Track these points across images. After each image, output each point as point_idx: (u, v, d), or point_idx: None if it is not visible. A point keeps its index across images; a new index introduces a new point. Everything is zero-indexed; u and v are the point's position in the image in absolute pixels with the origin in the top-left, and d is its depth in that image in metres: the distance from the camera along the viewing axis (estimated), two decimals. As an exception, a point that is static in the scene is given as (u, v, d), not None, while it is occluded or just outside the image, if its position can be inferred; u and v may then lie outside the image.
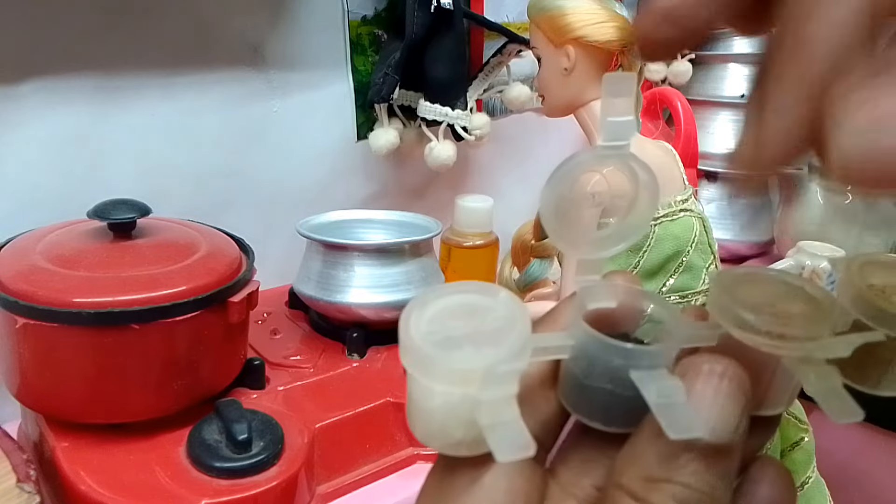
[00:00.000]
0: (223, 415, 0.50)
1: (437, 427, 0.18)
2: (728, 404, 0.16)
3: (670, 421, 0.16)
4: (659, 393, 0.17)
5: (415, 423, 0.19)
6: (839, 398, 0.17)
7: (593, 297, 0.20)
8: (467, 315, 0.19)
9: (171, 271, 0.50)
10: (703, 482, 0.16)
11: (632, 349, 0.18)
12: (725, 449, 0.16)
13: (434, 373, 0.17)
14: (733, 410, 0.16)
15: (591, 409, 0.19)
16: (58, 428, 0.51)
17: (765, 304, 0.18)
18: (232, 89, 0.73)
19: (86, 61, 0.63)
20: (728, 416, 0.16)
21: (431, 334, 0.18)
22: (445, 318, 0.19)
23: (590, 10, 0.63)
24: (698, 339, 0.19)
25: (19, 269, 0.49)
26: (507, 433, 0.17)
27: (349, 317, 0.65)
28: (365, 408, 0.56)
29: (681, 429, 0.16)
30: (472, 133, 0.81)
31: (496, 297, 0.19)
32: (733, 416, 0.16)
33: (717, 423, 0.16)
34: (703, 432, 0.16)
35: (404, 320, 0.18)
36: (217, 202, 0.74)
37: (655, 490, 0.16)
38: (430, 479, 0.20)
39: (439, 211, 0.82)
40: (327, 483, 0.53)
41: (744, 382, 0.17)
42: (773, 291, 0.19)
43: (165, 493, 0.45)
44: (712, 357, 0.17)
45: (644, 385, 0.17)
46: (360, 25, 0.80)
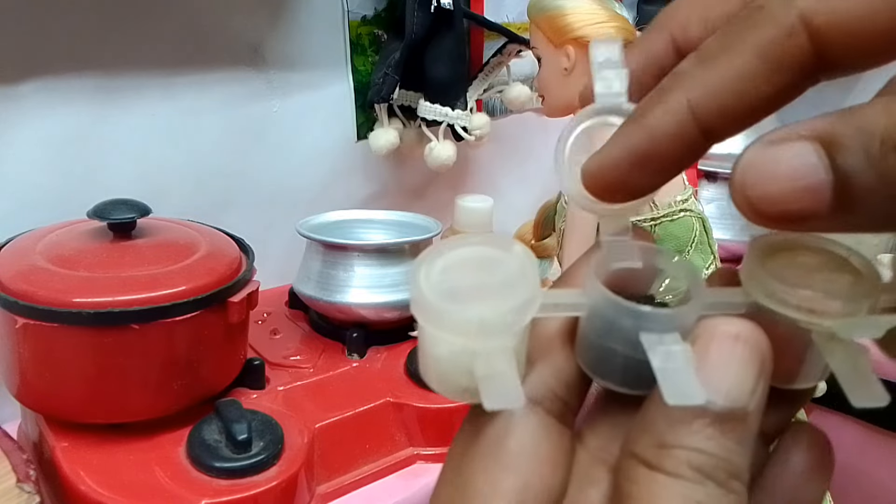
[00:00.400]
0: (223, 415, 0.50)
1: (443, 374, 0.18)
2: (743, 368, 0.16)
3: (670, 387, 0.16)
4: (664, 357, 0.16)
5: (424, 370, 0.19)
6: (863, 380, 0.17)
7: (618, 255, 0.19)
8: (478, 268, 0.19)
9: (171, 271, 0.50)
10: (719, 447, 0.15)
11: (643, 311, 0.17)
12: (741, 414, 0.16)
13: (438, 322, 0.17)
14: (749, 374, 0.16)
15: (608, 371, 0.18)
16: (58, 428, 0.51)
17: (801, 274, 0.18)
18: (232, 89, 0.73)
19: (86, 61, 0.63)
20: (743, 380, 0.16)
21: (441, 284, 0.18)
22: (456, 269, 0.19)
23: (590, 11, 0.63)
24: (723, 306, 0.18)
25: (19, 269, 0.49)
26: (498, 384, 0.17)
27: (349, 317, 0.65)
28: (365, 408, 0.56)
29: (680, 395, 0.15)
30: (472, 133, 0.81)
31: (510, 251, 0.19)
32: (749, 379, 0.16)
33: (731, 386, 0.16)
34: (714, 396, 0.16)
35: (415, 269, 0.18)
36: (217, 202, 0.74)
37: (668, 457, 0.16)
38: (455, 444, 0.19)
39: (439, 211, 0.82)
40: (327, 483, 0.53)
41: (760, 345, 0.16)
42: (813, 261, 0.18)
43: (165, 493, 0.45)
44: (728, 319, 0.17)
45: (651, 348, 0.17)
46: (360, 25, 0.80)
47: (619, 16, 0.64)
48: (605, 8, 0.63)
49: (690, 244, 0.64)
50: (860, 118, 0.14)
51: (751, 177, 0.15)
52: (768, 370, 0.16)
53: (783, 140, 0.15)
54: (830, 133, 0.14)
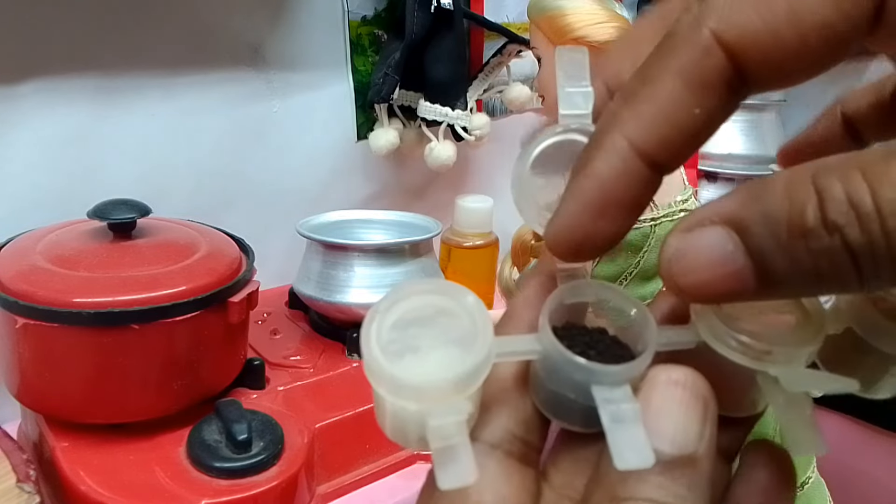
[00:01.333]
0: (223, 415, 0.50)
1: (397, 430, 0.18)
2: (686, 414, 0.16)
3: (620, 449, 0.16)
4: (612, 416, 0.16)
5: (381, 422, 0.19)
6: (804, 430, 0.17)
7: (572, 294, 0.19)
8: (430, 322, 0.18)
9: (172, 271, 0.50)
10: (670, 494, 0.16)
11: (593, 368, 0.17)
12: (690, 459, 0.16)
13: (389, 388, 0.17)
14: (693, 419, 0.16)
15: (564, 413, 0.18)
16: (58, 428, 0.51)
17: (749, 313, 0.18)
18: (232, 90, 0.73)
19: (86, 62, 0.63)
20: (688, 426, 0.16)
21: (392, 343, 0.18)
22: (408, 324, 0.18)
23: (590, 11, 0.63)
24: (675, 345, 0.18)
25: (19, 269, 0.49)
26: (451, 459, 0.16)
27: (349, 317, 0.65)
28: (365, 408, 0.56)
29: (629, 459, 0.16)
30: (472, 133, 0.81)
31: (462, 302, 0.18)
32: (693, 425, 0.16)
33: (676, 433, 0.16)
34: (660, 444, 0.16)
35: (365, 327, 0.18)
36: (217, 202, 0.74)
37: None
38: (424, 489, 0.19)
39: (439, 211, 0.82)
40: (327, 483, 0.53)
41: (702, 390, 0.17)
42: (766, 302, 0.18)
43: (165, 493, 0.45)
44: (668, 367, 0.17)
45: (601, 405, 0.17)
46: (360, 26, 0.80)
47: (619, 16, 0.64)
48: (606, 8, 0.63)
49: (690, 244, 0.64)
50: (764, 203, 0.15)
51: (677, 268, 0.16)
52: (713, 414, 0.17)
53: (698, 227, 0.16)
54: (739, 218, 0.15)
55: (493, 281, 0.87)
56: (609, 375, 0.17)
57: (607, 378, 0.17)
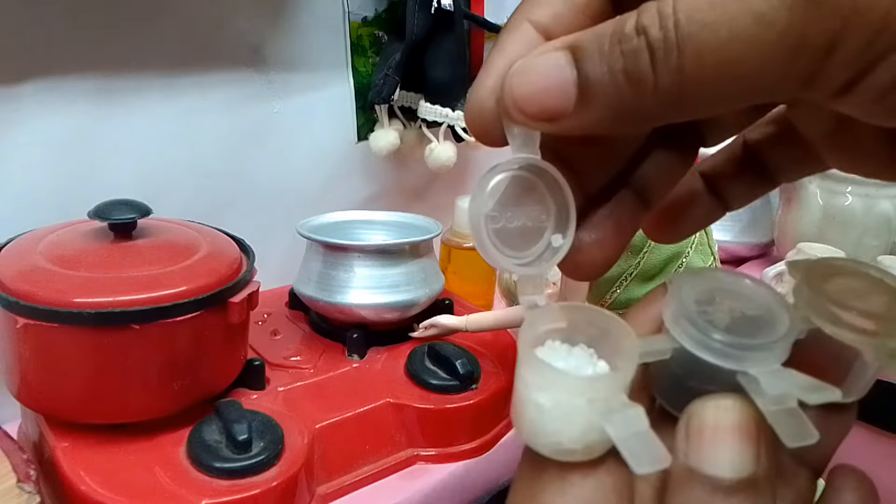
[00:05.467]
0: (223, 415, 0.50)
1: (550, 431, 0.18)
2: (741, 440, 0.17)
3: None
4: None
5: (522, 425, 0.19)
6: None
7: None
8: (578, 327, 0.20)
9: (172, 272, 0.50)
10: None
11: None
12: (751, 481, 0.17)
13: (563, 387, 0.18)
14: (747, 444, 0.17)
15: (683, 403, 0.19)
16: (58, 428, 0.51)
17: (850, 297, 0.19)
18: (233, 90, 0.73)
19: (87, 62, 0.63)
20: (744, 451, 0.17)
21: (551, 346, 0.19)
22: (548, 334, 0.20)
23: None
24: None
25: (20, 269, 0.49)
26: (642, 445, 0.17)
27: (349, 317, 0.65)
28: (365, 408, 0.56)
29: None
30: (473, 134, 0.81)
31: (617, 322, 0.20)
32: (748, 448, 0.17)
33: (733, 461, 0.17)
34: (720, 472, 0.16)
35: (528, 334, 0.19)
36: (217, 203, 0.74)
37: None
38: (519, 477, 0.20)
39: (439, 212, 0.82)
40: (327, 483, 0.53)
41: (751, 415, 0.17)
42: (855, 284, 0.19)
43: (165, 494, 0.45)
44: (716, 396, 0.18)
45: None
46: (360, 27, 0.81)
47: (619, 17, 0.64)
48: (606, 9, 0.63)
49: (690, 246, 0.64)
50: (599, 28, 0.18)
51: (515, 81, 0.18)
52: (766, 436, 0.17)
53: (541, 52, 0.18)
54: (576, 40, 0.18)
55: (492, 282, 0.87)
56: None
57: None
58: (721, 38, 0.15)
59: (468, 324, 0.65)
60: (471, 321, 0.65)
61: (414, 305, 0.66)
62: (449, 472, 0.57)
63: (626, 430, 0.17)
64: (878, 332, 0.18)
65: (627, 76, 0.17)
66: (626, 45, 0.16)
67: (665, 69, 0.16)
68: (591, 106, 0.17)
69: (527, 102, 0.18)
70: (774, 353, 0.18)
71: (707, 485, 0.17)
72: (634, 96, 0.17)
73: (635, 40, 0.16)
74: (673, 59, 0.16)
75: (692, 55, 0.16)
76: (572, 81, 0.17)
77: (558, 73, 0.17)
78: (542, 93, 0.18)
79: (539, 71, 0.18)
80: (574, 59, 0.17)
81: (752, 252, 1.10)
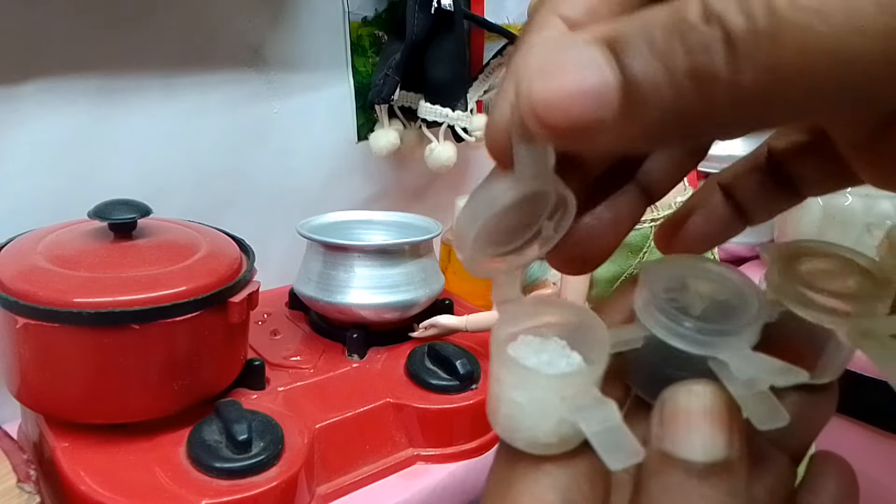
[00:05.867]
0: (223, 415, 0.50)
1: (526, 427, 0.18)
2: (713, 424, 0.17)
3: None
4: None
5: (498, 421, 0.19)
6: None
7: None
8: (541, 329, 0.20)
9: (172, 271, 0.50)
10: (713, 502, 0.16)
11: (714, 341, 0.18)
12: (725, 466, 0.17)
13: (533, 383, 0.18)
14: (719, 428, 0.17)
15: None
16: (58, 428, 0.51)
17: (821, 278, 0.19)
18: (233, 90, 0.73)
19: (87, 63, 0.63)
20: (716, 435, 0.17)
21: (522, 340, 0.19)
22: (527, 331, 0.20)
23: (590, 12, 0.63)
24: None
25: (20, 269, 0.49)
26: (615, 440, 0.17)
27: (349, 317, 0.65)
28: (365, 408, 0.56)
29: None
30: (473, 134, 0.81)
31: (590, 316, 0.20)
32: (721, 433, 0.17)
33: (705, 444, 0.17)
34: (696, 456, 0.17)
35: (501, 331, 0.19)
36: (218, 203, 0.74)
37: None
38: (495, 469, 0.20)
39: (439, 212, 0.82)
40: (327, 483, 0.53)
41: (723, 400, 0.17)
42: (826, 265, 0.19)
43: (165, 494, 0.45)
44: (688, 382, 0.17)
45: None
46: (360, 27, 0.80)
47: (619, 17, 0.64)
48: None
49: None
50: (645, 14, 0.14)
51: (536, 83, 0.14)
52: (739, 422, 0.17)
53: (568, 46, 0.14)
54: (615, 31, 0.14)
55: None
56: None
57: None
58: (836, 28, 0.12)
59: (468, 324, 0.65)
60: (471, 321, 0.65)
61: (414, 305, 0.66)
62: (449, 472, 0.57)
63: (599, 425, 0.17)
64: (851, 311, 0.18)
65: (693, 76, 0.13)
66: (691, 37, 0.13)
67: (750, 66, 0.12)
68: (639, 115, 0.14)
69: (550, 111, 0.14)
70: (743, 337, 0.18)
71: (681, 469, 0.16)
72: (700, 102, 0.13)
73: (704, 29, 0.13)
74: (764, 54, 0.12)
75: (793, 48, 0.12)
76: (614, 83, 0.13)
77: (595, 72, 0.13)
78: (572, 98, 0.14)
79: (568, 70, 0.14)
80: (614, 54, 0.14)
81: (752, 252, 1.10)
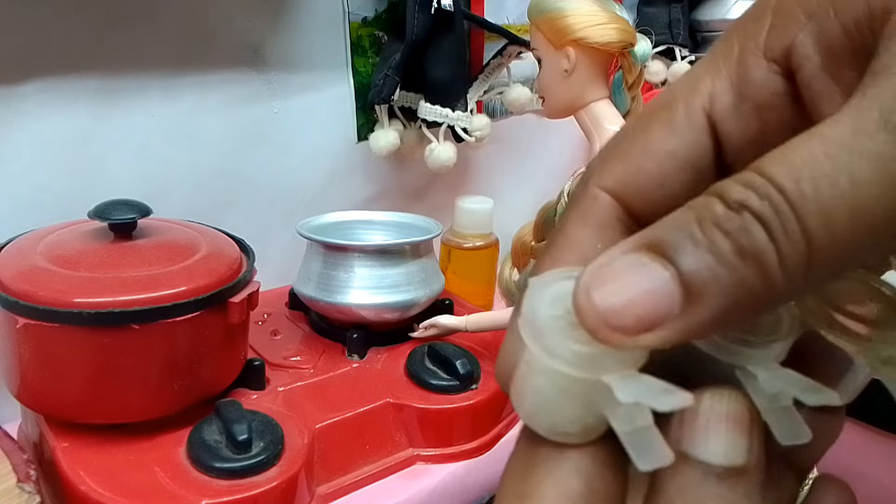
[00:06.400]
0: (223, 415, 0.50)
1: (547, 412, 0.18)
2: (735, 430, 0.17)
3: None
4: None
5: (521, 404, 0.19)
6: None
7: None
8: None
9: (172, 272, 0.50)
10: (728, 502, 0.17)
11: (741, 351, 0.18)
12: (743, 470, 0.17)
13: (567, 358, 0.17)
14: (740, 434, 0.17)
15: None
16: (58, 428, 0.51)
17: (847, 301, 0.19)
18: (233, 90, 0.73)
19: (87, 62, 0.63)
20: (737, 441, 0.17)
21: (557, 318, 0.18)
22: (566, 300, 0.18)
23: (590, 12, 0.63)
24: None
25: (20, 269, 0.49)
26: (646, 442, 0.17)
27: (349, 318, 0.65)
28: (365, 408, 0.56)
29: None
30: (473, 134, 0.81)
31: None
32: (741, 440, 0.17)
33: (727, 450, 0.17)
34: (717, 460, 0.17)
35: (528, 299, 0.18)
36: (218, 203, 0.74)
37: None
38: (516, 451, 0.20)
39: (439, 212, 0.82)
40: (327, 484, 0.53)
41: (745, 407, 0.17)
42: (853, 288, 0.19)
43: (165, 494, 0.45)
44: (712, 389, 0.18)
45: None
46: (360, 27, 0.81)
47: (619, 17, 0.64)
48: (606, 10, 0.63)
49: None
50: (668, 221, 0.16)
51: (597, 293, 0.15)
52: (759, 428, 0.17)
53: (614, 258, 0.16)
54: (653, 237, 0.16)
55: (493, 282, 0.87)
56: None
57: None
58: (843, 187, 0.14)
59: (468, 324, 0.65)
60: (471, 321, 0.65)
61: (414, 305, 0.66)
62: (449, 472, 0.57)
63: (630, 425, 0.17)
64: (871, 337, 0.18)
65: (743, 255, 0.14)
66: (727, 224, 0.14)
67: (786, 240, 0.14)
68: (704, 301, 0.15)
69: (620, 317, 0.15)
70: (774, 351, 0.18)
71: (699, 470, 0.17)
72: (758, 278, 0.14)
73: (736, 218, 0.14)
74: (793, 226, 0.14)
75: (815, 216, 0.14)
76: (671, 276, 0.15)
77: (650, 271, 0.15)
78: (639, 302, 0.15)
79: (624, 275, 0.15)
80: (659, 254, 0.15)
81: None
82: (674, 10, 1.07)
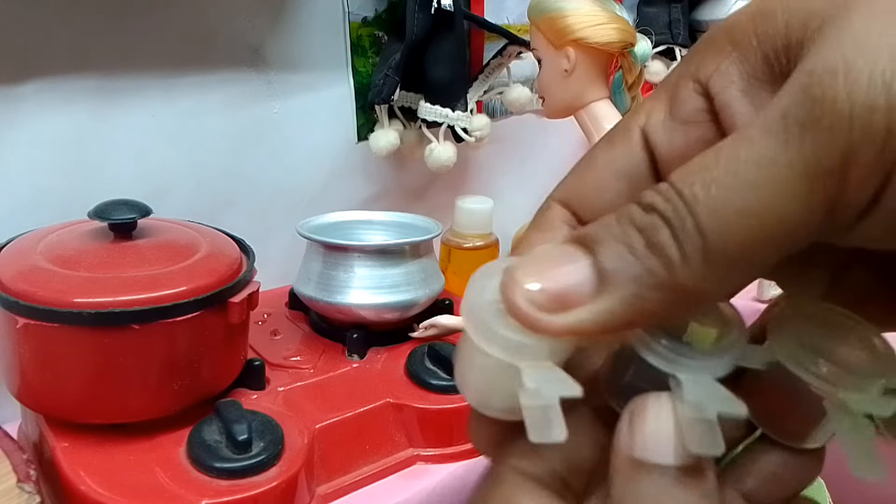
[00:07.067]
0: (223, 415, 0.50)
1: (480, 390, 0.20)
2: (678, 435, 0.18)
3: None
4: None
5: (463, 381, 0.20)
6: (867, 453, 0.18)
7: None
8: None
9: (172, 272, 0.50)
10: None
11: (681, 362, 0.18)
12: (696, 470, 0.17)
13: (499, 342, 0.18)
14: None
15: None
16: (58, 428, 0.51)
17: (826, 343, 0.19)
18: (233, 90, 0.73)
19: (87, 62, 0.63)
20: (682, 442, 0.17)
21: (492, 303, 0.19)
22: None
23: (590, 12, 0.63)
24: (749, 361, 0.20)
25: (20, 269, 0.49)
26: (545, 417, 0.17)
27: (349, 318, 0.65)
28: (365, 409, 0.56)
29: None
30: (473, 134, 0.81)
31: None
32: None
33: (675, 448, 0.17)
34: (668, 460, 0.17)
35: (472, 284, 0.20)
36: (217, 203, 0.74)
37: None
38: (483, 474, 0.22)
39: (439, 212, 0.82)
40: (327, 484, 0.53)
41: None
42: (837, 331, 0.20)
43: (165, 494, 0.45)
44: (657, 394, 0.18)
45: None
46: (360, 27, 0.80)
47: (619, 17, 0.64)
48: (606, 9, 0.64)
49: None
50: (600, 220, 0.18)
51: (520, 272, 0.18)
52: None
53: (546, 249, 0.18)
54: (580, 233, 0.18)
55: (493, 282, 0.87)
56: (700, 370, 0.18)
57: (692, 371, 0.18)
58: (730, 189, 0.15)
59: (468, 324, 0.65)
60: (471, 321, 0.65)
61: (414, 305, 0.66)
62: (449, 472, 0.57)
63: (535, 400, 0.17)
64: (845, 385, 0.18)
65: (651, 249, 0.16)
66: (639, 222, 0.17)
67: (686, 237, 0.16)
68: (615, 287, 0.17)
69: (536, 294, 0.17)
70: (709, 363, 0.18)
71: (654, 474, 0.17)
72: (664, 268, 0.16)
73: (646, 217, 0.17)
74: (689, 224, 0.16)
75: (706, 215, 0.16)
76: (587, 266, 0.17)
77: (569, 258, 0.17)
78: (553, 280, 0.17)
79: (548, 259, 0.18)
80: (584, 247, 0.17)
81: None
82: (674, 10, 1.07)
